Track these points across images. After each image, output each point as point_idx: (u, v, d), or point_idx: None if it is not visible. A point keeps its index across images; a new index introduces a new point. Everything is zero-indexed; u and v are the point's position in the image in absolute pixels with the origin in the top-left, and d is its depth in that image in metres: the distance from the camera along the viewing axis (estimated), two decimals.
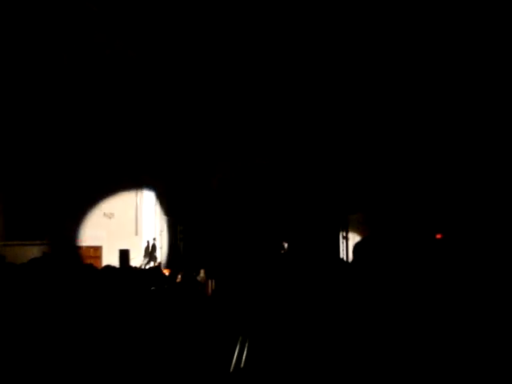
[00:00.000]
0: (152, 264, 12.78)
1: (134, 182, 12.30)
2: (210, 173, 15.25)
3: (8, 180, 10.35)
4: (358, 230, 12.07)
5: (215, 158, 15.14)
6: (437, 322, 2.50)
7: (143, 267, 11.53)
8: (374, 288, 3.00)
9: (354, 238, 12.59)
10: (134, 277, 4.22)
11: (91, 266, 4.50)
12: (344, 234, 13.15)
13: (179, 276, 6.67)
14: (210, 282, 8.41)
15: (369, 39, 10.20)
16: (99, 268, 4.66)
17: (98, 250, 11.69)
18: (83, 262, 9.09)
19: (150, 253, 13.31)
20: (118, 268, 4.32)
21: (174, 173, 14.42)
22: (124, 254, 10.38)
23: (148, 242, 13.12)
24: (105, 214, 11.99)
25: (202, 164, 15.14)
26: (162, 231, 13.24)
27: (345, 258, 12.69)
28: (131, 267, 6.49)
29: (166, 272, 7.29)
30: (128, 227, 12.21)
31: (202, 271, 8.26)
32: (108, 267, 4.08)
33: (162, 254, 13.18)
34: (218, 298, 4.85)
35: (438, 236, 9.42)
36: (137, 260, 11.61)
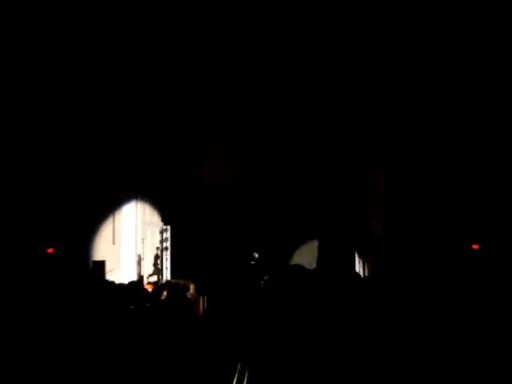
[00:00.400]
0: (155, 278, 12.96)
1: (112, 183, 12.23)
2: (200, 170, 15.34)
3: None
4: (376, 240, 12.01)
5: (205, 154, 15.29)
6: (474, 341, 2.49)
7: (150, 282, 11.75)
8: (400, 312, 2.95)
9: (371, 250, 12.56)
10: (109, 293, 4.15)
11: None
12: (361, 245, 13.10)
13: (164, 292, 6.62)
14: (201, 299, 8.36)
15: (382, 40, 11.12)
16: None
17: None
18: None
19: (154, 264, 13.44)
20: (90, 282, 4.26)
21: (159, 172, 14.41)
22: (98, 266, 10.31)
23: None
24: None
25: (189, 162, 15.25)
26: (144, 239, 13.19)
27: (361, 272, 12.66)
28: (107, 281, 6.41)
29: (149, 287, 7.24)
30: (104, 234, 12.15)
31: (191, 286, 8.21)
32: (79, 281, 3.99)
33: (143, 267, 13.14)
34: (211, 318, 4.79)
35: (475, 247, 9.37)
36: (115, 273, 11.55)
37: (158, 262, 13.78)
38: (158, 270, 13.49)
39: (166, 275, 14.19)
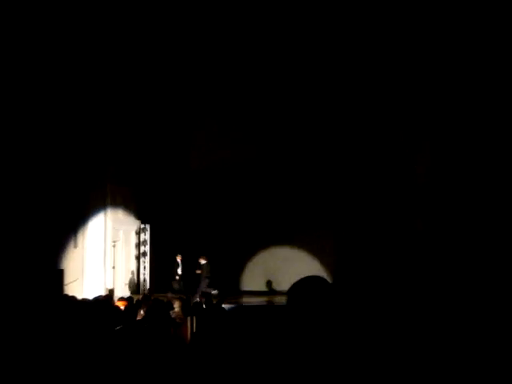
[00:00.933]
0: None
1: (74, 170, 12.24)
2: (188, 156, 15.52)
3: None
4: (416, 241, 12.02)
5: (194, 137, 15.54)
6: None
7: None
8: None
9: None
10: (69, 311, 4.09)
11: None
12: (397, 247, 13.06)
13: (141, 311, 6.56)
14: (189, 320, 8.33)
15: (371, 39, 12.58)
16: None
17: None
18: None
19: (174, 272, 13.72)
20: (44, 297, 4.18)
21: (135, 159, 14.48)
22: (55, 276, 10.30)
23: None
24: None
25: (175, 147, 15.48)
26: (115, 241, 13.19)
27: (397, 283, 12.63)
28: (66, 296, 6.34)
29: (121, 304, 7.17)
30: (63, 235, 12.16)
31: (177, 303, 8.16)
32: (27, 295, 3.90)
33: (114, 277, 13.15)
34: (201, 345, 4.71)
35: None
36: (78, 283, 11.58)
37: (179, 271, 13.92)
38: (177, 282, 13.69)
39: (144, 288, 14.19)
